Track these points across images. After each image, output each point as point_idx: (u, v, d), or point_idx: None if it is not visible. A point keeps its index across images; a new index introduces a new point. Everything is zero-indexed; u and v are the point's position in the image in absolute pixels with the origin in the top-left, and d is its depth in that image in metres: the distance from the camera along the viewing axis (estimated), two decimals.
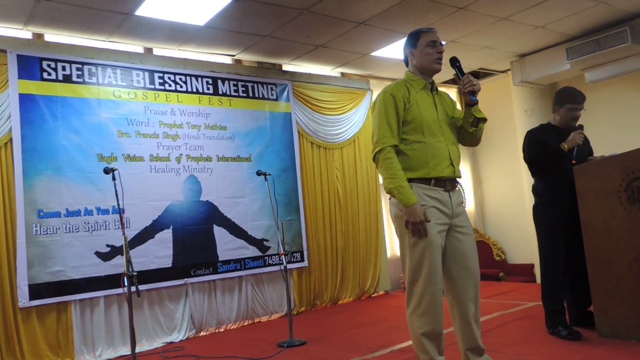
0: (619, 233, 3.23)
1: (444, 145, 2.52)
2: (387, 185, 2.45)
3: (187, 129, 4.83)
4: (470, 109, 2.56)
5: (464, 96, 2.55)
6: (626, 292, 3.19)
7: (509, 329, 3.81)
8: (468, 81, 2.51)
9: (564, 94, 3.56)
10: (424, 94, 2.57)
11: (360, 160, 6.07)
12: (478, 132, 2.63)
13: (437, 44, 2.57)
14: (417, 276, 2.43)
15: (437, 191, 2.48)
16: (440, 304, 2.43)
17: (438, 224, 2.44)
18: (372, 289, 5.97)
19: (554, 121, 3.61)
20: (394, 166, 2.43)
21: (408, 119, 2.49)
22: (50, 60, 4.21)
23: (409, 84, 2.58)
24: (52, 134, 4.12)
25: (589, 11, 4.87)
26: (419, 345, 2.45)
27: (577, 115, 3.51)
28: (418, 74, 2.62)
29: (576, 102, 3.49)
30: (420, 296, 2.41)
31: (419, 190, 2.44)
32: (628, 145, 3.40)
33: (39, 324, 3.92)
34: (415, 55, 2.60)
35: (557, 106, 3.56)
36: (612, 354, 3.00)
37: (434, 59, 2.55)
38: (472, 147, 2.78)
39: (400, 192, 2.38)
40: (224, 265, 4.85)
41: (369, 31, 4.90)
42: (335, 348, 3.78)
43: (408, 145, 2.49)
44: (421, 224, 2.35)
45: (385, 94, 2.52)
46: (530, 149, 3.52)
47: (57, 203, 4.07)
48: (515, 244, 6.70)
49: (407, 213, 2.37)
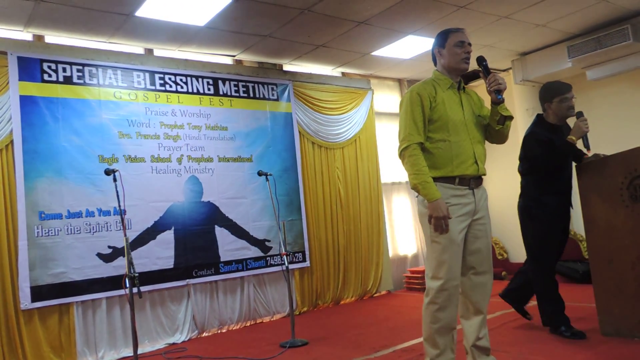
0: (621, 231, 3.22)
1: (468, 144, 2.56)
2: (412, 180, 2.49)
3: (188, 130, 4.82)
4: (497, 107, 2.60)
5: (490, 95, 2.59)
6: (629, 291, 3.18)
7: (512, 329, 3.80)
8: (494, 80, 2.57)
9: (548, 90, 3.52)
10: (450, 93, 2.62)
11: (361, 160, 6.06)
12: (505, 130, 2.69)
13: (465, 44, 2.61)
14: (436, 272, 2.49)
15: (460, 189, 2.52)
16: (457, 300, 2.50)
17: (461, 222, 2.50)
18: (374, 288, 5.97)
19: (548, 118, 3.52)
20: (420, 162, 2.47)
21: (434, 117, 2.54)
22: (51, 61, 4.21)
23: (436, 83, 2.63)
24: (53, 135, 4.12)
25: (590, 9, 4.86)
26: (430, 340, 2.50)
27: (570, 104, 3.44)
28: (445, 73, 2.66)
29: (564, 92, 3.44)
30: (438, 291, 2.47)
31: (443, 190, 2.49)
32: (630, 143, 3.39)
33: (41, 326, 3.92)
34: (444, 54, 2.64)
35: (547, 103, 3.51)
36: (616, 352, 2.99)
37: (462, 58, 2.60)
38: (499, 144, 2.82)
39: (425, 188, 2.44)
40: (225, 266, 4.85)
41: (370, 31, 4.89)
42: (337, 348, 3.77)
43: (433, 143, 2.54)
44: (444, 219, 2.41)
45: (412, 93, 2.57)
46: (542, 150, 3.36)
47: (59, 205, 4.07)
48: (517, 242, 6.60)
49: (431, 208, 2.42)
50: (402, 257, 6.64)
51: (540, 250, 3.48)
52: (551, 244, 3.46)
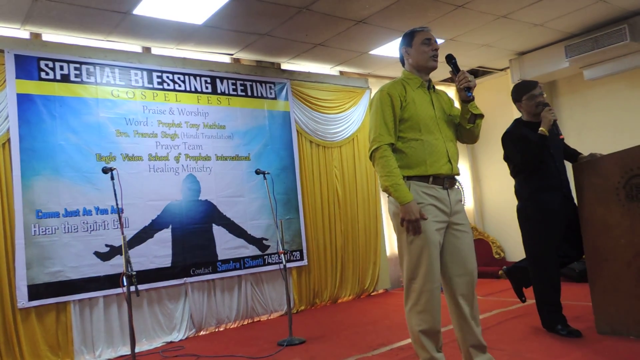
0: (617, 230, 3.23)
1: (441, 143, 2.52)
2: (383, 183, 2.46)
3: (185, 128, 4.82)
4: (467, 105, 2.57)
5: (460, 93, 2.56)
6: (625, 289, 3.20)
7: (509, 327, 3.82)
8: (463, 77, 2.53)
9: (517, 89, 3.63)
10: (420, 92, 2.59)
11: (359, 159, 6.06)
12: (475, 129, 2.64)
13: (431, 42, 2.59)
14: (415, 274, 2.44)
15: (435, 189, 2.48)
16: (438, 302, 2.44)
17: (436, 221, 2.45)
18: (371, 287, 5.98)
19: (524, 117, 3.63)
20: (390, 164, 2.44)
21: (405, 117, 2.51)
22: (48, 59, 4.20)
23: (405, 83, 2.60)
24: (50, 134, 4.11)
25: (587, 9, 4.87)
26: (418, 343, 2.47)
27: (540, 100, 3.50)
28: (415, 72, 2.64)
29: (531, 89, 3.53)
30: (419, 294, 2.42)
31: (417, 188, 2.45)
32: (627, 142, 3.39)
33: (38, 325, 3.91)
34: (411, 53, 2.62)
35: (518, 103, 3.62)
36: (611, 351, 3.00)
37: (430, 56, 2.57)
38: (470, 144, 2.80)
39: (397, 190, 2.40)
40: (223, 265, 4.85)
41: (368, 29, 4.90)
42: (335, 347, 3.78)
43: (406, 143, 2.50)
44: (416, 222, 2.37)
45: (382, 93, 2.54)
46: (517, 148, 3.46)
47: (56, 203, 4.07)
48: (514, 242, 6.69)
49: (403, 211, 2.38)
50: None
51: (539, 249, 3.46)
52: (550, 243, 3.42)
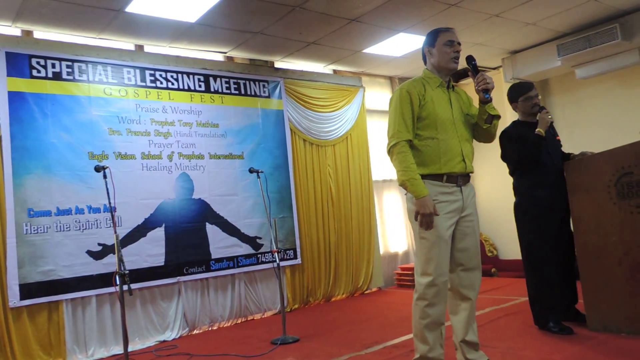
0: (609, 228, 3.26)
1: (456, 142, 2.59)
2: (400, 177, 2.52)
3: (178, 127, 4.80)
4: (484, 106, 2.63)
5: (478, 94, 2.62)
6: (616, 287, 3.23)
7: (501, 324, 3.84)
8: (482, 79, 2.59)
9: (513, 90, 3.69)
10: (439, 92, 2.64)
11: (352, 158, 6.07)
12: (492, 129, 2.71)
13: (454, 44, 2.63)
14: (425, 268, 2.51)
15: (448, 187, 2.55)
16: (446, 296, 2.53)
17: (448, 218, 2.52)
18: (365, 285, 5.99)
19: (521, 117, 3.71)
20: (408, 159, 2.50)
21: (423, 115, 2.56)
22: (40, 57, 4.17)
23: (425, 82, 2.65)
24: (42, 132, 4.08)
25: (579, 8, 4.90)
26: (419, 335, 2.53)
27: (535, 101, 3.60)
28: (435, 72, 2.69)
29: (526, 91, 3.61)
30: (426, 287, 2.50)
31: (431, 187, 2.51)
32: (618, 141, 3.42)
33: (30, 324, 3.89)
34: (433, 53, 2.67)
35: (514, 103, 3.69)
36: (603, 348, 3.03)
37: (451, 57, 2.62)
38: (487, 143, 2.88)
39: (413, 184, 2.46)
40: (216, 263, 4.84)
41: (361, 28, 4.90)
42: (328, 345, 3.78)
43: (422, 141, 2.57)
44: (430, 216, 2.43)
45: (402, 91, 2.60)
46: (512, 147, 3.54)
47: (48, 202, 4.04)
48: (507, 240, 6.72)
49: (418, 204, 2.45)
50: (393, 254, 6.67)
51: (535, 246, 3.48)
52: (546, 239, 3.45)
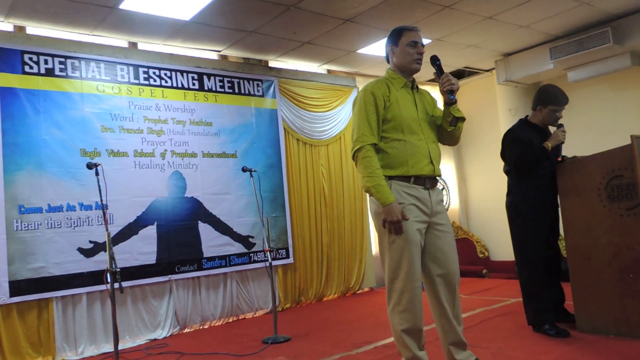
0: (599, 230, 3.29)
1: (424, 144, 2.52)
2: (365, 183, 2.45)
3: (172, 125, 4.79)
4: (449, 108, 2.57)
5: (443, 95, 2.56)
6: (606, 288, 3.25)
7: (492, 325, 3.86)
8: (447, 80, 2.52)
9: (548, 95, 3.53)
10: (404, 92, 2.58)
11: (346, 158, 6.07)
12: (457, 132, 2.64)
13: (418, 45, 2.57)
14: (396, 274, 2.44)
15: (416, 189, 2.49)
16: (420, 301, 2.45)
17: (417, 221, 2.45)
18: (357, 285, 6.00)
19: (534, 119, 3.60)
20: (373, 164, 2.43)
21: (388, 117, 2.50)
22: (32, 53, 4.14)
23: (389, 82, 2.59)
24: (33, 128, 4.06)
25: (572, 11, 4.93)
26: (400, 341, 2.48)
27: (559, 116, 3.52)
28: (398, 72, 2.63)
29: (560, 104, 3.50)
30: (400, 293, 2.43)
31: (398, 187, 2.45)
32: (609, 144, 3.44)
33: (19, 321, 3.86)
34: (396, 53, 2.60)
35: (540, 106, 3.54)
36: (592, 349, 3.05)
37: (414, 59, 2.56)
38: (451, 146, 2.81)
39: (378, 191, 2.39)
40: (208, 262, 4.83)
41: (356, 28, 4.91)
42: (319, 344, 3.79)
43: (388, 143, 2.50)
44: (398, 223, 2.36)
45: (366, 92, 2.52)
46: (515, 149, 3.49)
47: (39, 198, 4.01)
48: (498, 241, 6.77)
49: (385, 212, 2.38)
50: None
51: (528, 246, 3.49)
52: (539, 240, 3.47)
